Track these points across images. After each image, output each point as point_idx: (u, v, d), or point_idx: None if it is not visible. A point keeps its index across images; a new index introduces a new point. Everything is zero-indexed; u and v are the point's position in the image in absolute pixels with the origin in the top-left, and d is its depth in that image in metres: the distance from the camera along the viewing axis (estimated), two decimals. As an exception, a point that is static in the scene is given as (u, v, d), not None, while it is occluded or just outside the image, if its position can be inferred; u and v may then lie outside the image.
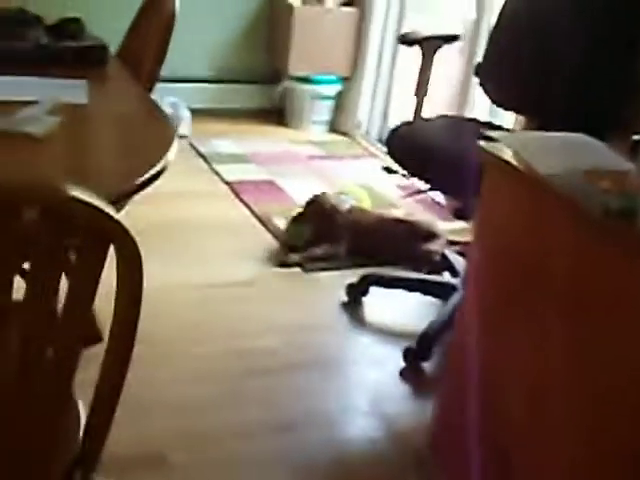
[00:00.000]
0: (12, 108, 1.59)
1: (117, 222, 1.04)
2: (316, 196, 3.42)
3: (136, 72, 2.03)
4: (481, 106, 3.80)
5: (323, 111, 4.85)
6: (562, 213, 1.59)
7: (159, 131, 1.64)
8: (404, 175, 2.77)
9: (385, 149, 2.79)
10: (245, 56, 4.86)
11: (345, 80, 4.80)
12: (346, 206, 3.39)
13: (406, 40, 2.85)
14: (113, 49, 2.24)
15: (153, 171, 1.42)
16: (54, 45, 1.96)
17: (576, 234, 1.56)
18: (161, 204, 3.55)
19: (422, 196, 3.67)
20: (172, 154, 1.54)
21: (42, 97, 1.66)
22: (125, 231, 1.04)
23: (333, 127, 4.89)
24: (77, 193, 0.99)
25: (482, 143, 1.78)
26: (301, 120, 4.83)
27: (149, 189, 3.61)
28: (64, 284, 1.07)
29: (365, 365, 2.69)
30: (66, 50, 1.96)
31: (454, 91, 4.13)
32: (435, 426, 2.09)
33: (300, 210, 3.41)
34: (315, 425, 2.36)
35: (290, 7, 4.56)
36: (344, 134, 4.81)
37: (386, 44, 4.61)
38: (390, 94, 4.69)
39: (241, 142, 4.53)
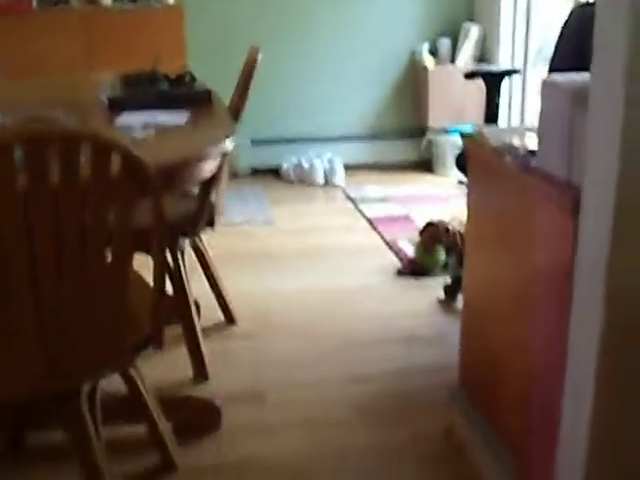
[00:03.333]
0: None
1: (142, 162, 1.77)
2: (429, 223, 4.03)
3: (231, 107, 2.83)
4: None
5: (464, 158, 5.46)
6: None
7: (223, 135, 2.38)
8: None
9: (455, 164, 3.39)
10: (393, 114, 5.60)
11: (481, 129, 5.40)
12: (453, 224, 3.98)
13: (468, 75, 3.47)
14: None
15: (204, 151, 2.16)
16: (171, 91, 2.79)
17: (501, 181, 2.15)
18: (308, 236, 4.45)
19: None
20: (226, 146, 2.27)
21: (150, 121, 2.47)
22: (145, 166, 1.77)
23: (475, 172, 5.47)
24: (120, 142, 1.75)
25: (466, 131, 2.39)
26: (445, 167, 5.47)
27: (302, 224, 4.42)
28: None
29: (438, 341, 3.27)
30: (179, 94, 2.79)
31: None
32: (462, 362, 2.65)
33: (419, 237, 4.03)
34: (386, 379, 2.98)
35: (426, 69, 5.27)
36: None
37: (514, 93, 5.18)
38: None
39: (388, 188, 5.23)
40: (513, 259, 2.13)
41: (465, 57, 5.30)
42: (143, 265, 2.10)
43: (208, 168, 2.31)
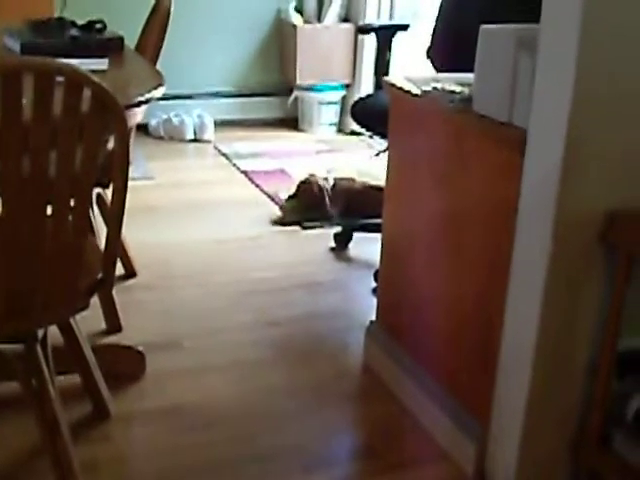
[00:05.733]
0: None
1: (112, 96, 1.76)
2: (306, 178, 4.14)
3: (143, 55, 2.81)
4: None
5: (330, 115, 5.59)
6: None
7: (154, 82, 2.38)
8: (370, 136, 3.47)
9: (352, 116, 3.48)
10: (260, 72, 5.64)
11: (347, 86, 5.55)
12: (331, 180, 4.11)
13: (363, 30, 3.57)
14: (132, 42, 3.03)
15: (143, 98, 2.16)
16: (83, 38, 2.74)
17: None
18: (189, 189, 4.44)
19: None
20: (158, 93, 2.28)
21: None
22: (115, 100, 1.76)
23: (341, 128, 5.62)
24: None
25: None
26: (311, 124, 5.58)
27: (180, 178, 4.36)
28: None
29: (338, 286, 3.40)
30: (92, 41, 2.74)
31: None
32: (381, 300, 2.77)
33: (294, 190, 4.12)
34: (295, 322, 3.07)
35: (294, 27, 5.34)
36: (351, 133, 5.53)
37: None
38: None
39: (258, 144, 5.28)
40: (448, 198, 2.26)
41: (333, 15, 5.39)
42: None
43: (138, 116, 2.31)
